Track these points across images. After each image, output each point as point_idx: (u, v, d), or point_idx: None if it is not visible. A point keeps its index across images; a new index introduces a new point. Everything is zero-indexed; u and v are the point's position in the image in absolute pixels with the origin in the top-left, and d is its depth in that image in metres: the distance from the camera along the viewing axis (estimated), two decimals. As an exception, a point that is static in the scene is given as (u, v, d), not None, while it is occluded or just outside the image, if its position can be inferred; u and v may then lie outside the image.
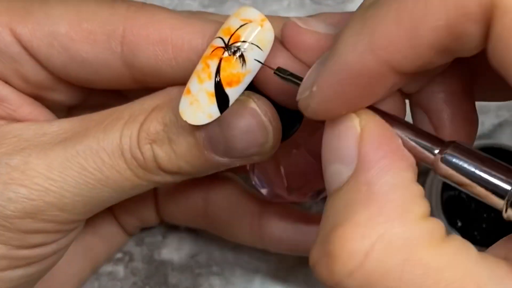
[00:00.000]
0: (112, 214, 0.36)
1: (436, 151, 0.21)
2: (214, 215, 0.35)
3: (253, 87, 0.25)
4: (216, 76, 0.24)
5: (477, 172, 0.20)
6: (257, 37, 0.24)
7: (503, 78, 0.19)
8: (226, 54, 0.24)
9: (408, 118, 0.24)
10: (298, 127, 0.27)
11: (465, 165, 0.21)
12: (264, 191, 0.32)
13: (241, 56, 0.24)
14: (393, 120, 0.21)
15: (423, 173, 0.39)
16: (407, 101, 0.25)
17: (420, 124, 0.25)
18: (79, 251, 0.34)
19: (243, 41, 0.24)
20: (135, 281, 0.38)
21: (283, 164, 0.30)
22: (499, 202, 0.20)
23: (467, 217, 0.36)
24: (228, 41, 0.24)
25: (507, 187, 0.20)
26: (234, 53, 0.24)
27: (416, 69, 0.20)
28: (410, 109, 0.25)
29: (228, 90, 0.24)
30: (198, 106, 0.24)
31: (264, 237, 0.34)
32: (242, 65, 0.24)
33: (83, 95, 0.29)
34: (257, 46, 0.24)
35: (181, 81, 0.26)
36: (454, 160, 0.21)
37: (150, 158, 0.26)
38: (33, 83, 0.27)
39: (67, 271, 0.33)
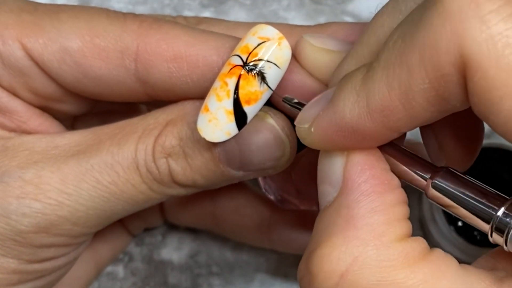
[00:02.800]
0: None
1: (427, 177, 0.22)
2: (222, 216, 0.35)
3: (269, 102, 0.26)
4: (234, 94, 0.24)
5: (464, 197, 0.22)
6: (274, 55, 0.24)
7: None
8: (244, 72, 0.24)
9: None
10: None
11: (453, 191, 0.22)
12: (274, 197, 0.32)
13: (259, 74, 0.24)
14: (386, 145, 0.22)
15: (423, 173, 0.39)
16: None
17: (426, 139, 0.26)
18: (85, 254, 0.34)
19: (261, 59, 0.24)
20: (135, 281, 0.38)
21: (293, 171, 0.30)
22: (485, 226, 0.21)
23: (467, 217, 0.36)
24: (246, 59, 0.24)
25: (493, 212, 0.21)
26: (252, 71, 0.24)
27: (413, 127, 0.21)
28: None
29: (246, 108, 0.24)
30: (216, 124, 0.24)
31: (273, 238, 0.34)
32: (260, 83, 0.24)
33: (90, 105, 0.29)
34: (275, 64, 0.24)
35: (195, 96, 0.26)
36: (443, 185, 0.22)
37: (166, 172, 0.26)
38: (42, 96, 0.27)
39: (74, 275, 0.33)
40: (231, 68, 0.24)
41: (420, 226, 0.38)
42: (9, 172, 0.25)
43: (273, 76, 0.24)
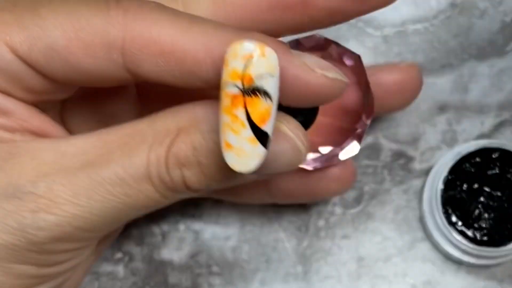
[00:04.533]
0: None
1: None
2: None
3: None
4: (249, 123, 0.24)
5: None
6: (265, 67, 0.23)
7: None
8: (247, 97, 0.23)
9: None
10: (313, 122, 0.29)
11: None
12: None
13: (261, 92, 0.23)
14: None
15: (423, 173, 0.39)
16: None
17: None
18: None
19: (256, 78, 0.23)
20: (135, 281, 0.38)
21: None
22: None
23: (467, 217, 0.36)
24: (243, 85, 0.23)
25: None
26: (254, 93, 0.23)
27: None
28: None
29: (264, 127, 0.24)
30: (245, 155, 0.24)
31: (272, 191, 0.34)
32: (266, 99, 0.23)
33: (80, 90, 0.29)
34: (269, 74, 0.23)
35: (184, 87, 0.26)
36: None
37: (180, 181, 0.26)
38: (36, 92, 0.27)
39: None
40: (233, 100, 0.23)
41: (420, 226, 0.38)
42: (20, 187, 0.25)
43: (272, 85, 0.24)
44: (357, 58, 0.30)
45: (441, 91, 0.39)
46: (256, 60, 0.23)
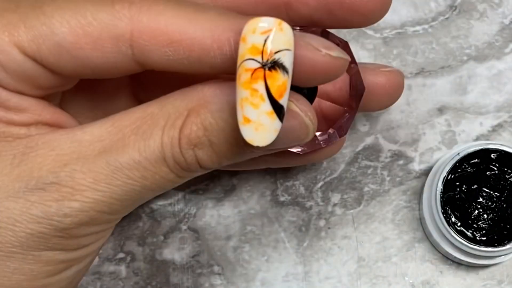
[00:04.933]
0: None
1: None
2: None
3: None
4: (268, 97, 0.24)
5: None
6: (282, 41, 0.24)
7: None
8: (267, 71, 0.24)
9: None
10: (313, 101, 0.29)
11: None
12: None
13: (280, 66, 0.24)
14: None
15: (423, 174, 0.39)
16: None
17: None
18: None
19: (275, 52, 0.24)
20: (137, 280, 0.38)
21: None
22: None
23: (466, 218, 0.36)
24: (262, 59, 0.24)
25: None
26: (273, 67, 0.24)
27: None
28: None
29: (281, 101, 0.24)
30: (264, 128, 0.24)
31: (266, 157, 0.34)
32: (283, 73, 0.24)
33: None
34: (287, 49, 0.24)
35: (192, 73, 0.26)
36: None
37: (193, 161, 0.26)
38: (47, 88, 0.27)
39: None
40: (252, 73, 0.24)
41: (420, 227, 0.39)
42: (42, 178, 0.26)
43: (289, 60, 0.24)
44: (345, 44, 0.30)
45: (440, 92, 0.39)
46: (274, 34, 0.24)
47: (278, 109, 0.24)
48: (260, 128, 0.24)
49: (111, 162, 0.26)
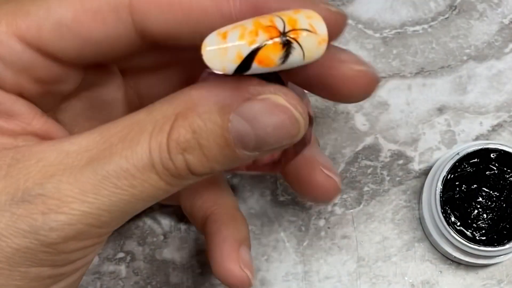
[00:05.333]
0: None
1: None
2: None
3: (279, 80, 0.26)
4: (256, 48, 0.23)
5: None
6: (308, 46, 0.23)
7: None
8: (278, 40, 0.23)
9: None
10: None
11: None
12: None
13: (286, 51, 0.23)
14: None
15: (423, 174, 0.39)
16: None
17: None
18: None
19: (297, 42, 0.23)
20: (137, 280, 0.38)
21: None
22: None
23: (466, 217, 0.36)
24: (286, 30, 0.23)
25: None
26: (284, 45, 0.23)
27: None
28: None
29: (254, 65, 0.23)
30: (222, 55, 0.23)
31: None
32: (283, 61, 0.23)
33: (82, 81, 0.29)
34: (302, 51, 0.23)
35: (193, 42, 0.25)
36: None
37: (183, 166, 0.25)
38: (46, 81, 0.27)
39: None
40: (269, 26, 0.23)
41: (420, 226, 0.39)
42: (29, 190, 0.25)
43: (295, 60, 0.23)
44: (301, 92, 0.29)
45: (440, 92, 0.40)
46: (310, 35, 0.23)
47: (245, 64, 0.23)
48: (222, 51, 0.23)
49: (98, 171, 0.25)
